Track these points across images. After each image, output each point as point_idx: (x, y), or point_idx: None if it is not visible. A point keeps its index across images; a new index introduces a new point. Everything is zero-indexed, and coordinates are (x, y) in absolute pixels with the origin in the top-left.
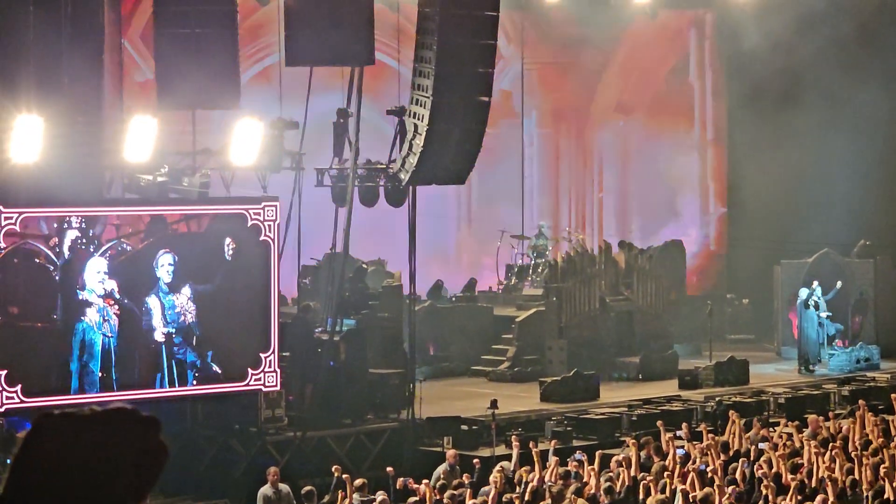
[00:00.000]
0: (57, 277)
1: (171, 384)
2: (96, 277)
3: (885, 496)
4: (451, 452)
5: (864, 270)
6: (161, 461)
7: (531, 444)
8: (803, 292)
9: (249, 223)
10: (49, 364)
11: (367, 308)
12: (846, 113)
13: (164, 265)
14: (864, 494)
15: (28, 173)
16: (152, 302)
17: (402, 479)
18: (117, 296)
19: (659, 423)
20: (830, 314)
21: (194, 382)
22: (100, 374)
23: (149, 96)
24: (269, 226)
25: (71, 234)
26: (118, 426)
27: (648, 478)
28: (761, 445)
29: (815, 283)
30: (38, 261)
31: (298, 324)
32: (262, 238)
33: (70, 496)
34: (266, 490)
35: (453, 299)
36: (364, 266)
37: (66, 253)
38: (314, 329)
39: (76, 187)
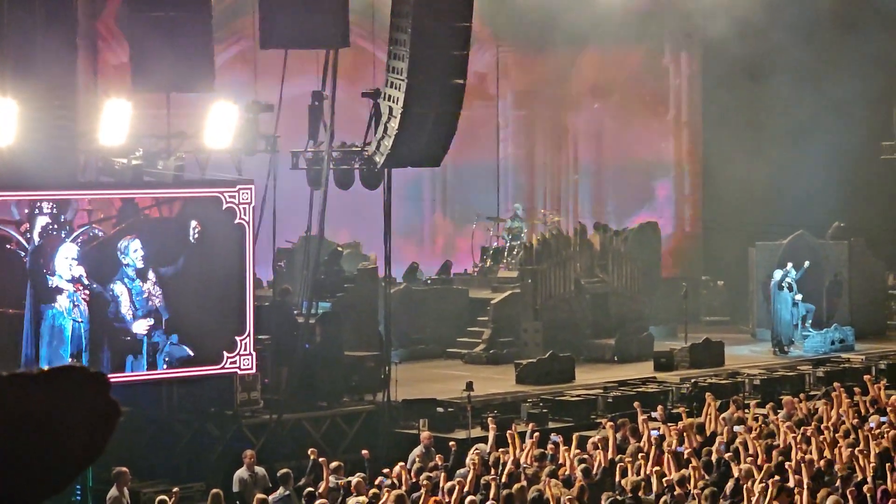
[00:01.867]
0: (27, 263)
1: (145, 368)
2: (65, 263)
3: (859, 477)
4: (425, 434)
5: (838, 252)
6: (113, 418)
7: (513, 426)
8: (777, 274)
9: (224, 206)
10: (19, 350)
11: (343, 291)
12: (821, 95)
13: (136, 251)
14: (839, 475)
15: (2, 157)
16: (119, 289)
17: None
18: (86, 281)
19: (636, 404)
20: (801, 295)
21: (165, 367)
22: (70, 360)
23: (123, 79)
24: (244, 209)
25: (42, 220)
26: (66, 385)
27: (626, 459)
28: (736, 428)
29: (790, 265)
30: (9, 247)
31: (277, 307)
32: (237, 221)
33: (24, 456)
34: (242, 473)
35: (428, 282)
36: (339, 249)
37: (37, 239)
38: (292, 312)
39: (51, 171)
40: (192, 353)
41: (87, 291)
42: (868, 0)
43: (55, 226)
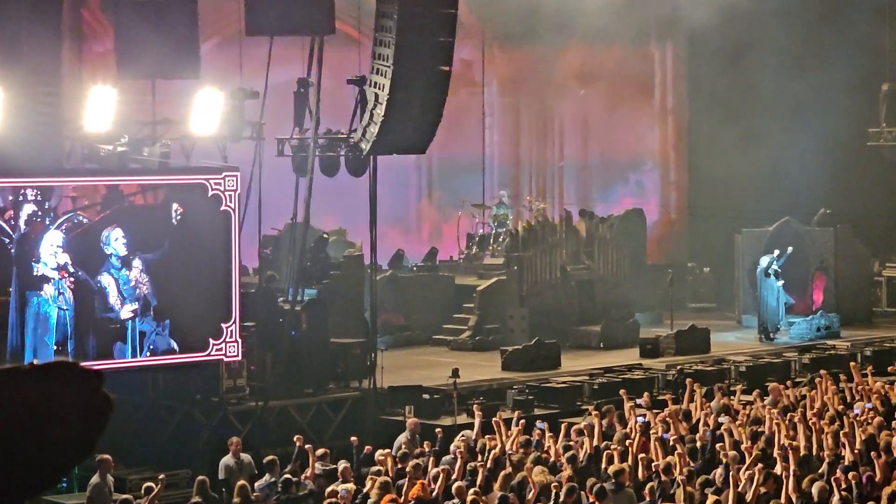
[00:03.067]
0: (13, 251)
1: (131, 355)
2: (50, 250)
3: (845, 463)
4: (411, 421)
5: (824, 239)
6: (106, 413)
7: (498, 414)
8: (763, 260)
9: (210, 193)
10: (3, 337)
11: (329, 278)
12: (807, 82)
13: (117, 239)
14: (825, 462)
15: None
16: (105, 280)
17: (368, 447)
18: (71, 269)
19: (622, 391)
20: (783, 281)
21: (148, 354)
22: (55, 347)
23: (108, 66)
24: (230, 196)
25: (28, 208)
26: (60, 379)
27: (612, 446)
28: (721, 418)
29: (776, 252)
30: None
31: (262, 294)
32: (222, 208)
33: (18, 451)
34: (228, 460)
35: (414, 269)
36: (325, 236)
37: (23, 227)
38: (277, 299)
39: (36, 158)
40: (178, 341)
41: (72, 279)
42: None
43: (40, 213)
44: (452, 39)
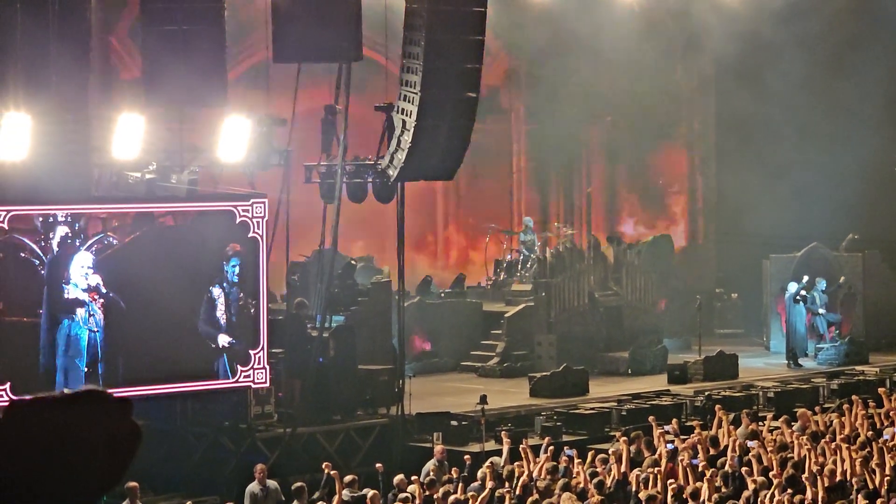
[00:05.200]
0: (43, 272)
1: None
2: (80, 272)
3: (873, 489)
4: (438, 448)
5: (852, 264)
6: (134, 442)
7: (524, 441)
8: (792, 286)
9: (238, 220)
10: (35, 360)
11: (356, 304)
12: (834, 107)
13: (234, 266)
14: (854, 488)
15: (16, 171)
16: (216, 292)
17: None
18: (103, 290)
19: (651, 418)
20: (824, 310)
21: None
22: (85, 370)
23: (136, 94)
24: (258, 222)
25: (61, 230)
26: (88, 408)
27: (639, 473)
28: (749, 443)
29: (818, 279)
30: (23, 255)
31: (291, 320)
32: (250, 235)
33: (46, 481)
34: (253, 487)
35: (442, 295)
36: (353, 262)
37: (55, 248)
38: (307, 326)
39: (64, 185)
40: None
41: (102, 300)
42: (877, 6)
43: (70, 234)
44: (480, 66)
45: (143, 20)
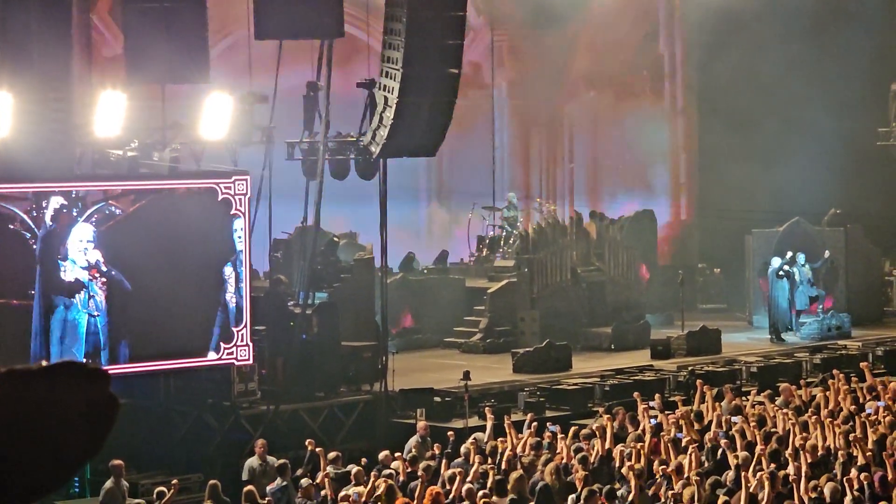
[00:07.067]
0: (36, 248)
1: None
2: (79, 246)
3: (857, 463)
4: (421, 424)
5: (834, 239)
6: (112, 413)
7: (506, 417)
8: (775, 261)
9: (220, 197)
10: (25, 349)
11: (339, 281)
12: (817, 82)
13: (240, 237)
14: (837, 462)
15: None
16: (228, 271)
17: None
18: (103, 268)
19: (636, 394)
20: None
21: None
22: (85, 360)
23: (118, 71)
24: (240, 200)
25: (56, 200)
26: (65, 380)
27: (623, 448)
28: (733, 418)
29: (801, 254)
30: (12, 227)
31: (271, 297)
32: (232, 212)
33: (23, 454)
34: (253, 462)
35: (425, 271)
36: (335, 239)
37: (49, 221)
38: (287, 302)
39: (46, 163)
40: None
41: (104, 279)
42: None
43: (66, 204)
44: (461, 42)
45: None
